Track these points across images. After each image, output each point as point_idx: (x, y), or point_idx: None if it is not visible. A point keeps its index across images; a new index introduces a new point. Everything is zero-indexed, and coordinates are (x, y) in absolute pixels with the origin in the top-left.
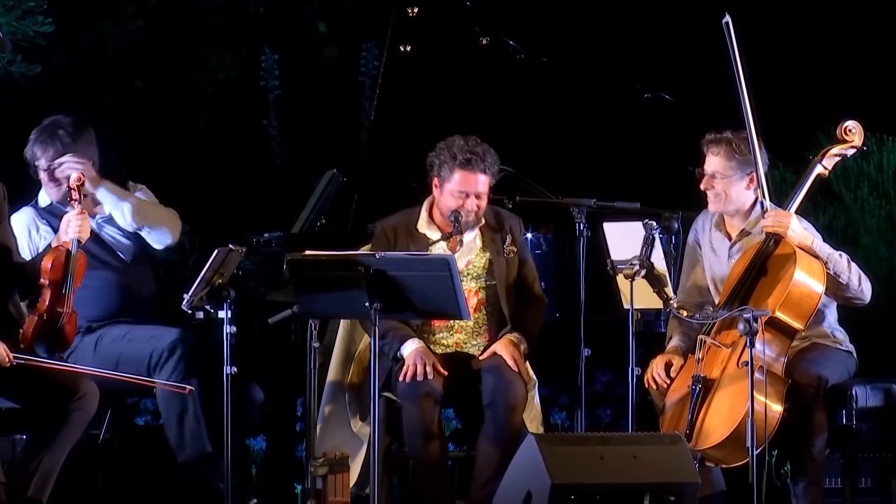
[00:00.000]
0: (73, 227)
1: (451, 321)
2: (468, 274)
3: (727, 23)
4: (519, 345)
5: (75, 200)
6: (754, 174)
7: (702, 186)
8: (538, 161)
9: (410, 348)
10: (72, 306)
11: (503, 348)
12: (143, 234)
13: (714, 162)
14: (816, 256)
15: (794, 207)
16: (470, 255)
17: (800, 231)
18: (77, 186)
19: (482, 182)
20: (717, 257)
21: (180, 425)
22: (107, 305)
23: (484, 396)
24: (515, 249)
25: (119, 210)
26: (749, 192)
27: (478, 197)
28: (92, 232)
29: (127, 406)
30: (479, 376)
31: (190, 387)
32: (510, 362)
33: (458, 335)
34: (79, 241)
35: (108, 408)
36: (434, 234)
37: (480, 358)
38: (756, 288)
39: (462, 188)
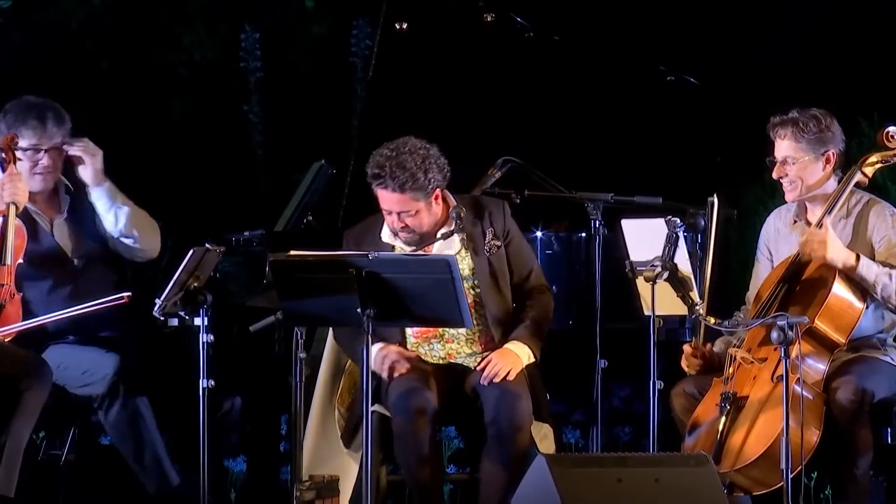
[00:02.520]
0: (9, 189)
1: (441, 329)
2: None
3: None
4: (519, 354)
5: (8, 161)
6: (831, 151)
7: (774, 175)
8: (549, 152)
9: (374, 356)
10: (13, 281)
11: (500, 359)
12: (128, 242)
13: (783, 146)
14: (863, 279)
15: (831, 219)
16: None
17: (841, 254)
18: (7, 146)
19: (393, 200)
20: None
21: (139, 461)
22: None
23: (486, 413)
24: (499, 244)
25: (113, 214)
26: (828, 173)
27: (399, 214)
28: (38, 233)
29: (91, 424)
30: (478, 390)
31: (126, 293)
32: (508, 375)
33: (449, 345)
34: (16, 206)
35: (72, 426)
36: (399, 244)
37: (477, 369)
38: (792, 297)
39: (381, 205)
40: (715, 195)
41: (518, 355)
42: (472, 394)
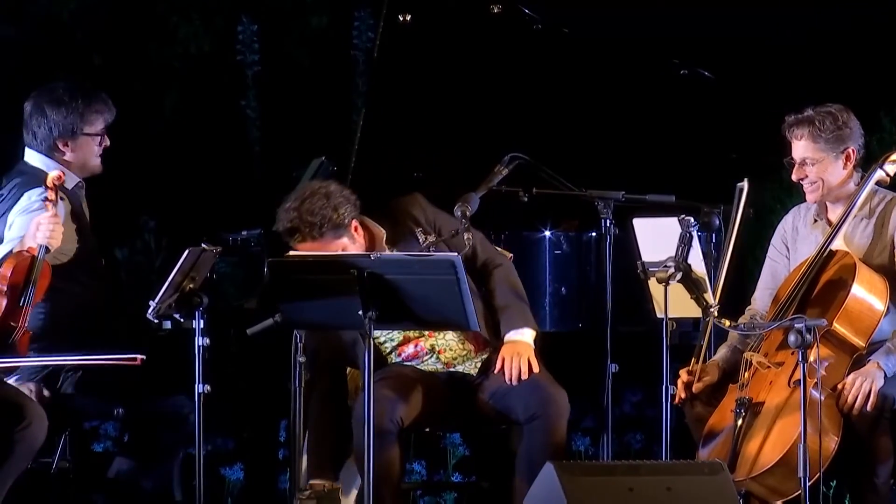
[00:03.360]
0: (44, 230)
1: (430, 343)
2: None
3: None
4: (525, 339)
5: (51, 201)
6: (850, 148)
7: (794, 177)
8: (558, 148)
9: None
10: (27, 322)
11: (511, 354)
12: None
13: (800, 147)
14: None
15: (850, 219)
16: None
17: (879, 374)
18: (55, 185)
19: (316, 249)
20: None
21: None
22: None
23: (520, 412)
24: (433, 238)
25: None
26: (850, 171)
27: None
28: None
29: (84, 431)
30: (501, 395)
31: (140, 356)
32: (535, 368)
33: (444, 355)
34: (47, 249)
35: (63, 432)
36: None
37: (494, 373)
38: (810, 300)
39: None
40: (746, 180)
41: (524, 342)
42: (489, 400)
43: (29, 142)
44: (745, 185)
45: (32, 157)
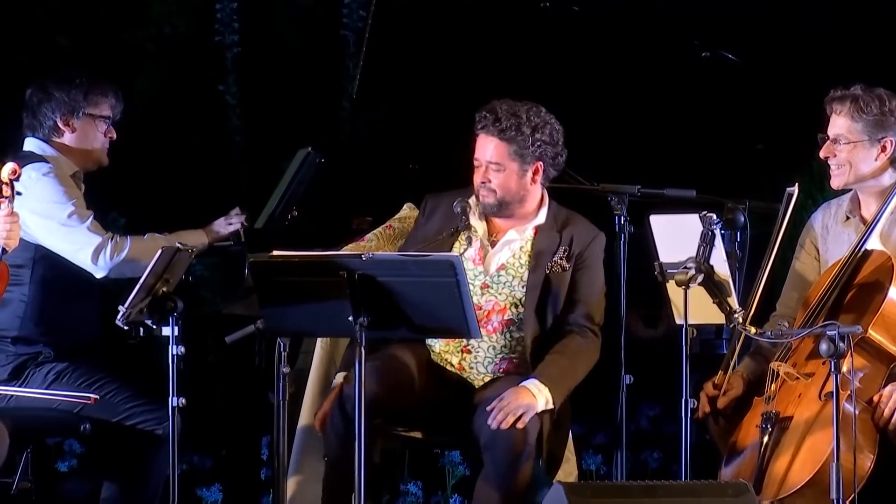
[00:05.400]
0: (1, 229)
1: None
2: (499, 281)
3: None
4: (536, 396)
5: (6, 198)
6: (889, 139)
7: (822, 154)
8: (567, 138)
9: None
10: None
11: (513, 399)
12: None
13: (837, 123)
14: None
15: (886, 216)
16: (509, 256)
17: None
18: (10, 180)
19: (488, 147)
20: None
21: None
22: None
23: (482, 437)
24: (567, 266)
25: None
26: (884, 164)
27: (487, 166)
28: None
29: (47, 448)
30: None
31: (94, 395)
32: (518, 422)
33: (466, 356)
34: (4, 250)
35: (25, 450)
36: (474, 221)
37: (487, 409)
38: (843, 305)
39: (476, 153)
40: (797, 185)
41: (535, 397)
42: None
43: (28, 125)
44: (795, 189)
45: (29, 144)
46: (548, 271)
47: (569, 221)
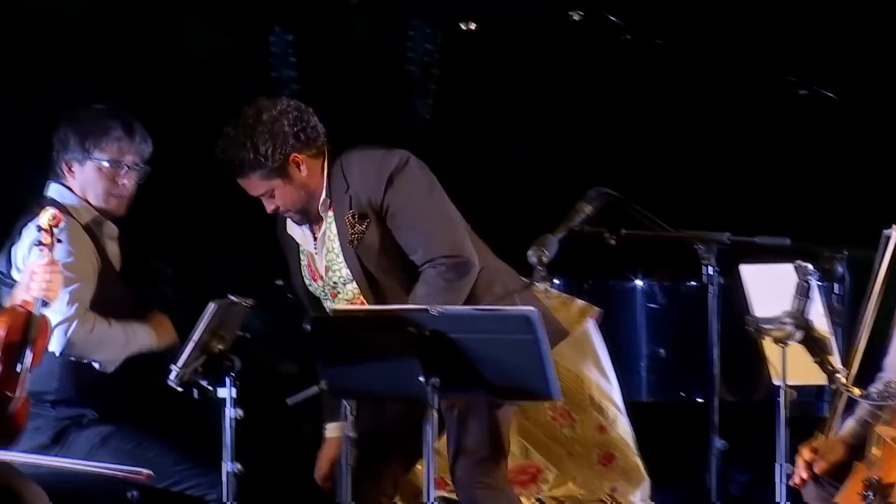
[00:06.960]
0: (39, 281)
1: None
2: (336, 280)
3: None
4: None
5: (45, 245)
6: None
7: None
8: (651, 182)
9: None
10: (25, 389)
11: None
12: None
13: None
14: None
15: None
16: (328, 253)
17: None
18: (50, 227)
19: (247, 187)
20: None
21: None
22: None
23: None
24: (364, 227)
25: None
26: None
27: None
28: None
29: None
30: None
31: (147, 471)
32: None
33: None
34: (45, 302)
35: None
36: (296, 233)
37: None
38: None
39: None
40: (894, 227)
41: None
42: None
43: (51, 167)
44: (892, 232)
45: (50, 190)
46: (353, 246)
47: (351, 172)
